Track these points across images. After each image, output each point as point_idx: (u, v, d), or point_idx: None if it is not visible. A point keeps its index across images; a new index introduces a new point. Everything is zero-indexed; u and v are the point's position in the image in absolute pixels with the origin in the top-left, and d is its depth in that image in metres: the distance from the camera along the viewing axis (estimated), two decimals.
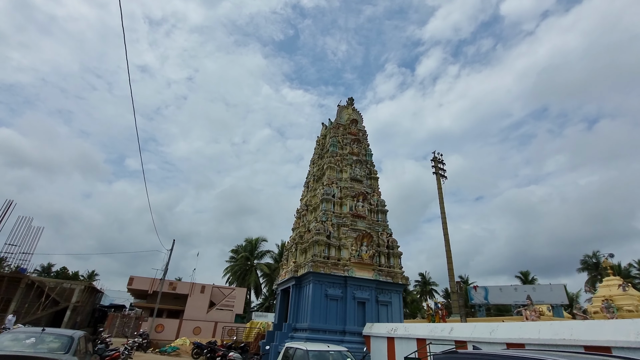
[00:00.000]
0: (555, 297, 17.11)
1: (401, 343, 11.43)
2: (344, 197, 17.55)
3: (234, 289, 32.81)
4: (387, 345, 12.22)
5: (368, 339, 13.56)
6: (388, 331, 12.26)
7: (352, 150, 19.67)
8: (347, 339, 13.53)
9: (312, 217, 18.20)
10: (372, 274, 15.29)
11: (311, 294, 14.11)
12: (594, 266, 56.37)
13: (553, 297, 17.19)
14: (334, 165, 18.65)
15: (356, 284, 14.78)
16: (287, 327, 15.03)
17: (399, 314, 15.33)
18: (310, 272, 14.31)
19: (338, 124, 20.91)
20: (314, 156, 22.37)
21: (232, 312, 30.94)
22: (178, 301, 31.07)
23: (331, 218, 16.46)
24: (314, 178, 19.98)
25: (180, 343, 23.35)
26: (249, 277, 51.18)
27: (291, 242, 18.37)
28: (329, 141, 20.46)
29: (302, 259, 16.43)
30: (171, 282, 29.47)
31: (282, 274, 18.73)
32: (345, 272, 14.76)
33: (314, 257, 14.84)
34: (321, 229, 15.68)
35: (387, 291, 15.57)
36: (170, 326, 27.59)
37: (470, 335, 8.71)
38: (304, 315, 14.41)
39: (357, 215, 16.94)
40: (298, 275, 15.75)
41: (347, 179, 18.41)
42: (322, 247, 15.31)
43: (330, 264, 14.93)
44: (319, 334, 13.52)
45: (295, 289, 15.79)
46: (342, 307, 14.34)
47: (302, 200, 20.97)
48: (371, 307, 14.69)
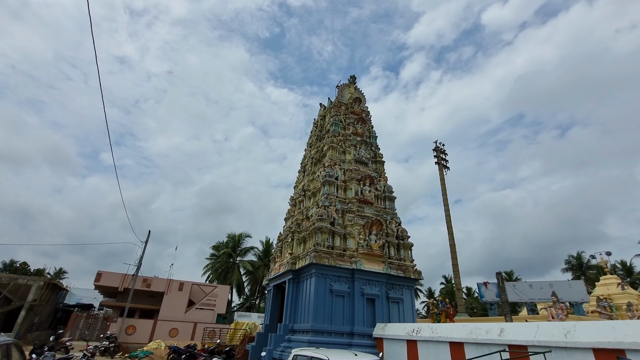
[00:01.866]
0: (574, 294, 15.85)
1: (427, 347, 9.47)
2: (349, 180, 15.49)
3: (216, 286, 30.11)
4: (406, 349, 10.25)
5: (380, 342, 11.55)
6: (408, 333, 10.28)
7: (356, 130, 17.65)
8: (356, 341, 11.47)
9: (310, 203, 16.04)
10: (382, 266, 13.30)
11: (313, 290, 11.96)
12: (577, 266, 57.14)
13: (572, 294, 15.93)
14: (337, 146, 16.56)
15: (365, 278, 12.75)
16: (283, 328, 12.81)
17: (411, 312, 13.42)
18: (312, 264, 12.16)
19: (340, 103, 18.85)
20: (310, 138, 20.21)
21: (213, 312, 28.24)
22: (153, 300, 28.07)
23: (335, 203, 14.36)
24: (312, 161, 17.83)
25: (154, 347, 20.56)
26: (231, 275, 48.31)
27: (286, 232, 16.14)
28: (329, 121, 18.36)
29: (301, 250, 14.25)
30: (145, 279, 26.50)
31: (274, 268, 16.45)
32: (352, 264, 12.70)
33: (316, 246, 12.69)
34: (324, 215, 13.55)
35: (398, 287, 13.63)
36: (143, 327, 24.67)
37: (533, 338, 6.82)
38: (304, 314, 12.24)
39: (364, 200, 14.91)
40: (296, 268, 13.56)
41: (351, 160, 16.37)
42: (325, 235, 13.18)
43: (335, 254, 12.83)
44: (323, 336, 11.39)
45: (292, 285, 13.58)
46: (349, 304, 12.27)
47: (298, 187, 18.77)
48: (381, 304, 12.70)
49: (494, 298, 17.34)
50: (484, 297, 17.53)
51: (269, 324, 15.28)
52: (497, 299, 17.30)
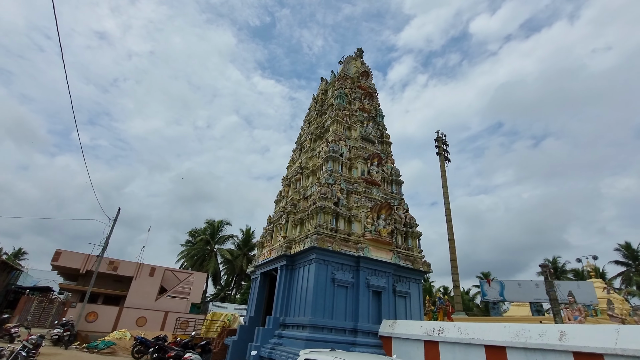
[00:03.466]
0: (583, 295, 15.00)
1: (453, 351, 7.91)
2: (354, 158, 13.74)
3: (192, 273, 27.73)
4: (424, 351, 8.67)
5: (388, 341, 9.94)
6: (427, 332, 8.69)
7: (363, 106, 15.89)
8: (360, 340, 9.80)
9: (309, 182, 14.19)
10: (390, 255, 11.68)
11: (313, 278, 10.16)
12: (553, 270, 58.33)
13: (581, 295, 15.07)
14: (342, 120, 14.74)
15: (371, 267, 11.08)
16: (273, 321, 10.97)
17: (418, 309, 11.91)
18: (314, 248, 10.35)
19: (345, 75, 17.01)
20: (309, 114, 18.29)
21: (187, 301, 25.92)
22: (119, 285, 25.42)
23: (339, 182, 12.58)
24: (312, 137, 15.93)
25: (117, 337, 18.20)
26: (207, 263, 45.78)
27: (279, 213, 14.23)
28: (332, 94, 16.51)
29: (297, 233, 12.41)
30: (112, 261, 23.80)
31: (263, 253, 14.52)
32: (358, 250, 10.99)
33: (318, 228, 10.87)
34: (327, 193, 11.74)
35: (406, 279, 12.08)
36: (107, 315, 22.11)
37: (614, 345, 5.33)
38: (300, 306, 10.45)
39: (371, 181, 13.21)
40: (291, 253, 11.71)
41: (357, 137, 14.61)
42: (328, 216, 11.38)
43: (339, 239, 11.08)
44: (323, 332, 9.65)
45: (285, 272, 11.74)
46: (353, 297, 10.58)
47: (293, 165, 16.85)
48: (388, 299, 11.09)
49: (497, 297, 16.25)
50: (486, 295, 16.43)
51: (254, 316, 13.40)
52: (500, 298, 16.23)
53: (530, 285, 16.07)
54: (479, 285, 16.63)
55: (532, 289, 15.83)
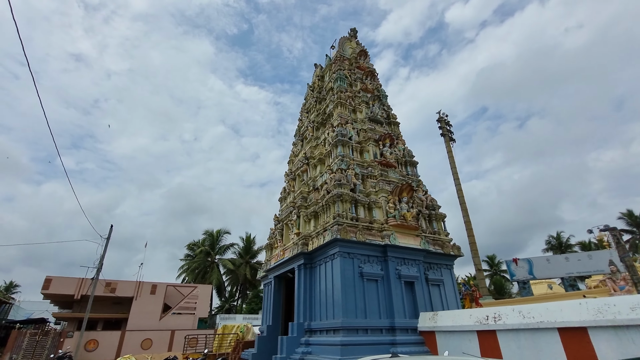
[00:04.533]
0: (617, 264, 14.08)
1: (517, 338, 6.80)
2: (364, 141, 12.62)
3: (196, 286, 26.21)
4: (478, 344, 7.56)
5: (430, 336, 8.80)
6: (480, 321, 7.59)
7: (366, 86, 14.79)
8: (400, 339, 8.64)
9: (317, 172, 13.01)
10: (418, 241, 10.56)
11: (339, 275, 8.97)
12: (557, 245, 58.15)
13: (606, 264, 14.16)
14: (345, 102, 13.61)
15: (399, 256, 9.94)
16: (297, 328, 9.74)
17: (454, 297, 10.81)
18: (336, 241, 9.16)
19: (342, 57, 15.90)
20: (307, 103, 17.11)
21: (193, 317, 24.41)
22: (119, 307, 23.78)
23: (352, 166, 11.43)
24: (314, 126, 14.77)
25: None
26: (209, 275, 44.13)
27: (288, 209, 13.00)
28: (330, 77, 15.38)
29: (312, 228, 11.22)
30: (108, 283, 22.19)
31: (273, 255, 13.27)
32: (383, 238, 9.84)
33: (338, 218, 9.70)
34: (342, 179, 10.58)
35: (437, 266, 10.98)
36: (108, 341, 20.51)
37: None
38: (327, 308, 9.24)
39: (386, 163, 12.09)
40: (309, 250, 10.50)
41: (364, 119, 13.49)
42: (347, 204, 10.22)
43: (362, 227, 9.91)
44: (358, 335, 8.46)
45: (304, 272, 10.52)
46: (385, 291, 9.42)
47: (295, 159, 15.67)
48: (421, 289, 9.96)
49: (527, 275, 15.28)
50: (515, 275, 15.46)
51: (272, 325, 12.13)
52: (530, 276, 15.27)
53: (560, 260, 15.18)
54: (507, 266, 15.71)
55: (562, 264, 14.93)
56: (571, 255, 15.64)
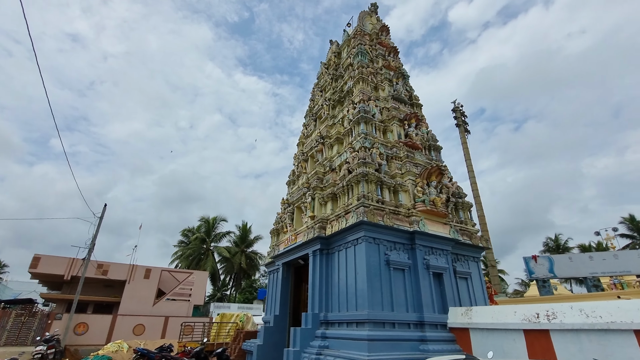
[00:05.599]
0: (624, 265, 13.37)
1: (579, 341, 5.90)
2: (388, 120, 11.58)
3: (192, 272, 25.20)
4: (525, 344, 6.66)
5: (463, 334, 7.90)
6: (528, 319, 6.68)
7: (388, 63, 13.69)
8: (430, 335, 7.73)
9: (334, 152, 11.97)
10: (447, 230, 9.63)
11: (364, 261, 8.00)
12: (555, 248, 58.05)
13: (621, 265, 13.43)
14: (367, 78, 12.52)
15: (427, 244, 8.99)
16: (312, 319, 8.78)
17: (481, 292, 9.95)
18: (362, 224, 8.17)
19: (362, 32, 14.75)
20: (321, 81, 15.97)
21: (188, 304, 23.45)
22: (111, 290, 22.73)
23: (377, 145, 10.40)
24: (330, 104, 13.67)
25: (113, 349, 15.69)
26: (204, 262, 43.07)
27: (301, 191, 11.97)
28: (350, 53, 14.27)
29: (329, 211, 10.20)
30: (100, 264, 21.08)
31: (284, 239, 12.26)
32: (412, 224, 8.88)
33: (363, 199, 8.70)
34: (367, 158, 9.55)
35: (464, 258, 10.08)
36: (98, 325, 19.49)
37: None
38: (348, 298, 8.29)
39: (411, 145, 11.09)
40: (326, 234, 9.50)
41: (386, 98, 12.43)
42: (372, 185, 9.21)
43: (389, 211, 8.93)
44: (385, 329, 7.53)
45: (320, 258, 9.54)
46: (413, 282, 8.49)
47: (308, 140, 14.59)
48: (450, 282, 9.05)
49: (547, 274, 14.51)
50: (534, 273, 14.71)
51: (280, 315, 11.18)
52: (550, 274, 14.50)
53: (584, 259, 14.43)
54: (525, 263, 14.97)
55: (585, 263, 14.18)
56: (595, 254, 14.90)
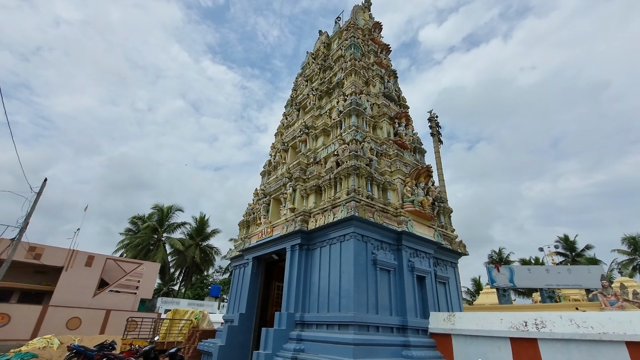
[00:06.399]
0: (594, 280, 14.45)
1: (568, 351, 5.84)
2: (379, 116, 11.24)
3: (142, 263, 23.01)
4: (511, 353, 6.53)
5: (444, 340, 7.66)
6: (515, 327, 6.56)
7: (380, 60, 13.41)
8: (413, 340, 7.38)
9: (318, 144, 11.36)
10: (432, 233, 9.45)
11: (352, 259, 7.46)
12: (499, 261, 62.50)
13: (591, 279, 14.54)
14: (359, 71, 12.10)
15: (413, 246, 8.70)
16: (287, 319, 8.05)
17: (457, 298, 9.89)
18: (353, 219, 7.64)
19: (355, 26, 14.33)
20: (307, 71, 15.28)
21: (134, 297, 21.31)
22: (43, 277, 19.96)
23: (368, 140, 9.97)
24: (317, 95, 13.04)
25: (40, 346, 13.60)
26: (153, 253, 40.04)
27: (280, 181, 11.17)
28: (341, 45, 13.79)
29: (313, 204, 9.55)
30: (33, 247, 18.36)
31: (257, 232, 11.35)
32: (400, 224, 8.53)
33: (353, 194, 8.17)
34: (359, 151, 9.07)
35: (443, 262, 9.97)
36: (24, 316, 16.91)
37: None
38: (330, 298, 7.69)
39: (401, 144, 10.81)
40: (308, 229, 8.84)
41: (377, 94, 12.10)
42: (363, 180, 8.73)
43: (378, 208, 8.50)
44: (369, 332, 7.03)
45: (299, 253, 8.84)
46: (397, 284, 8.12)
47: (286, 130, 13.84)
48: (431, 286, 8.84)
49: (507, 283, 15.13)
50: (495, 281, 15.26)
51: (246, 313, 10.27)
52: (510, 284, 15.13)
53: (541, 271, 15.27)
54: (488, 272, 15.52)
55: (542, 275, 15.02)
56: (551, 268, 15.88)
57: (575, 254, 52.77)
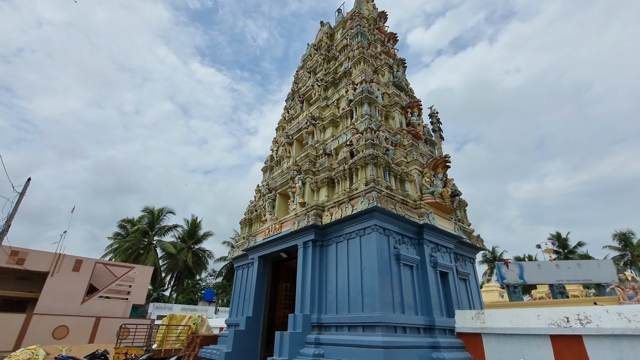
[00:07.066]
0: (604, 274, 14.23)
1: (619, 348, 5.36)
2: (391, 106, 10.71)
3: (133, 266, 21.90)
4: (552, 352, 6.02)
5: (474, 340, 7.11)
6: (555, 323, 6.06)
7: (388, 49, 12.91)
8: (442, 341, 6.81)
9: (327, 135, 10.76)
10: (452, 226, 8.93)
11: (375, 255, 6.86)
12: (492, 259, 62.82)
13: (601, 274, 14.30)
14: (368, 59, 11.56)
15: (434, 240, 8.16)
16: (302, 321, 7.38)
17: (477, 295, 9.39)
18: (375, 210, 7.04)
19: (360, 15, 13.82)
20: (310, 62, 14.69)
21: (126, 302, 20.22)
22: (26, 284, 18.73)
23: (382, 129, 9.41)
24: (323, 85, 12.44)
25: (24, 357, 12.54)
26: (144, 257, 38.64)
27: (287, 174, 10.50)
28: (347, 34, 13.26)
29: (325, 197, 8.92)
30: (15, 251, 17.16)
31: (263, 229, 10.63)
32: (421, 217, 7.98)
33: (373, 184, 7.58)
34: (375, 140, 8.50)
35: (462, 258, 9.47)
36: (6, 326, 15.72)
37: None
38: (350, 297, 7.07)
39: (415, 134, 10.30)
40: (322, 223, 8.20)
41: (387, 84, 11.58)
42: (381, 170, 8.15)
43: (398, 200, 7.93)
44: (397, 334, 6.43)
45: (313, 250, 8.20)
46: (420, 281, 7.55)
47: (288, 124, 13.21)
48: (454, 282, 8.30)
49: (517, 280, 14.78)
50: (505, 278, 14.91)
51: (253, 317, 9.55)
52: (520, 281, 14.78)
53: (551, 266, 14.99)
54: (497, 269, 15.18)
55: (553, 270, 14.74)
56: (561, 263, 15.62)
57: (567, 251, 53.50)
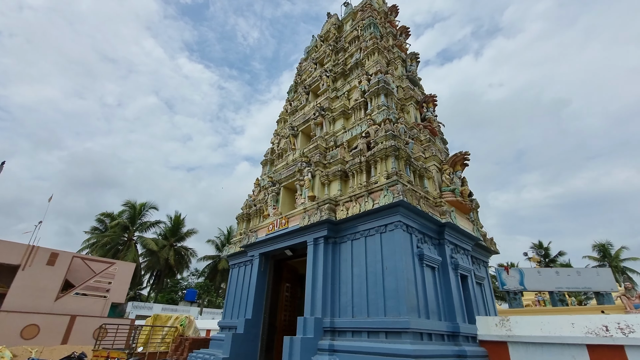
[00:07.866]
0: (602, 282, 14.18)
1: None
2: (406, 99, 10.22)
3: (114, 262, 20.51)
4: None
5: (499, 348, 6.61)
6: (592, 331, 5.63)
7: (400, 43, 12.45)
8: (468, 349, 6.27)
9: (337, 127, 10.15)
10: (471, 227, 8.47)
11: (399, 254, 6.27)
12: None
13: (600, 282, 14.24)
14: (382, 50, 11.04)
15: (454, 240, 7.66)
16: (314, 325, 6.68)
17: (491, 299, 8.96)
18: (400, 205, 6.46)
19: (371, 6, 13.33)
20: (317, 54, 14.07)
21: (105, 300, 18.84)
22: None
23: (401, 121, 8.88)
24: (332, 76, 11.84)
25: None
26: (123, 254, 36.82)
27: (294, 166, 9.80)
28: (357, 25, 12.74)
29: (338, 191, 8.28)
30: None
31: (266, 224, 9.85)
32: (443, 215, 7.45)
33: (396, 177, 7.01)
34: (395, 132, 7.94)
35: (477, 261, 9.03)
36: None
37: None
38: (369, 299, 6.44)
39: (431, 129, 9.81)
40: (336, 219, 7.56)
41: (401, 77, 11.09)
42: (402, 163, 7.59)
43: (422, 195, 7.39)
44: (423, 341, 5.84)
45: (325, 248, 7.54)
46: (443, 285, 7.01)
47: (291, 116, 12.55)
48: (472, 286, 7.82)
49: (517, 286, 14.56)
50: (505, 284, 14.68)
51: (252, 319, 8.77)
52: (521, 287, 14.55)
53: (551, 273, 14.87)
54: (497, 274, 14.95)
55: (552, 277, 14.62)
56: (561, 270, 15.54)
57: (549, 259, 54.78)
